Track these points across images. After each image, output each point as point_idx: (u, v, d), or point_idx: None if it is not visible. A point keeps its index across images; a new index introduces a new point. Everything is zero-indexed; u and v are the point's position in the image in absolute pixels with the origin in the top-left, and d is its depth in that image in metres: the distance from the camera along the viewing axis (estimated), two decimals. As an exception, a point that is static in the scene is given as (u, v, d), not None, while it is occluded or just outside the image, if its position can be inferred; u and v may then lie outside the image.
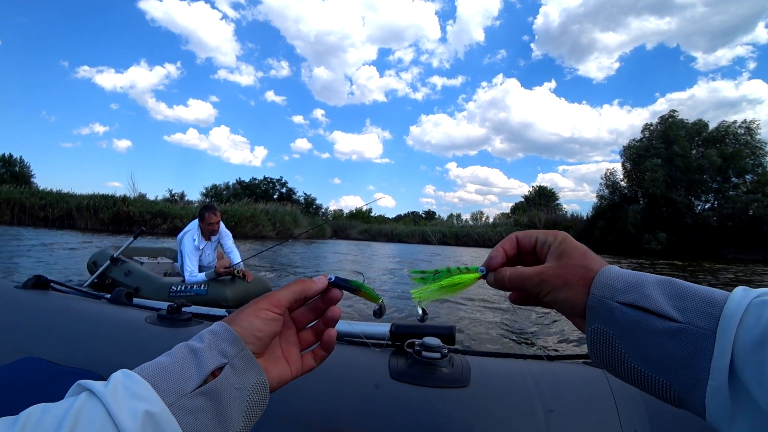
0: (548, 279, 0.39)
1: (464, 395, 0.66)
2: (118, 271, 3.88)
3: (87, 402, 0.29)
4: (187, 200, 31.41)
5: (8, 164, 35.44)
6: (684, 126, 25.46)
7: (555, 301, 0.40)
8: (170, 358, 0.35)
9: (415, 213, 57.15)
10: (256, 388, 0.37)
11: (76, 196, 20.82)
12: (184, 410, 0.31)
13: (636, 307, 0.34)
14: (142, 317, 0.92)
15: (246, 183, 41.17)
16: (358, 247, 18.70)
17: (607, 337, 0.35)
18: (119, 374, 0.32)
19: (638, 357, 0.34)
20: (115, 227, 19.34)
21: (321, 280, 0.44)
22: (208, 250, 3.86)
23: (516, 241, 0.45)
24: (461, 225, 42.89)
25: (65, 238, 11.41)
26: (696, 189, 24.62)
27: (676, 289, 0.33)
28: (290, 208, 27.45)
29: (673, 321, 0.32)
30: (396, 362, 0.74)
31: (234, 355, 0.36)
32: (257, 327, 0.38)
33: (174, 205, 22.58)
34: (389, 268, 9.29)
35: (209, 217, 3.68)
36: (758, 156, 23.62)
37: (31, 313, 0.95)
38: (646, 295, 0.34)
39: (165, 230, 18.95)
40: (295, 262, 8.88)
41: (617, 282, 0.36)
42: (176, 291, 3.41)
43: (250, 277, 3.56)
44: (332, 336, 0.44)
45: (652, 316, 0.33)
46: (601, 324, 0.36)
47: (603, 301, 0.36)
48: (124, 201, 20.33)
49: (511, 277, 0.42)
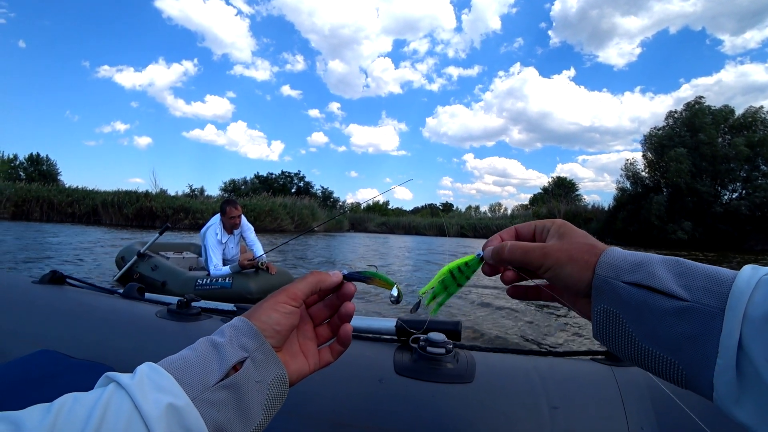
0: (552, 253, 0.39)
1: (468, 391, 0.66)
2: (145, 265, 4.00)
3: (115, 393, 0.30)
4: (207, 195, 31.99)
5: (36, 163, 36.59)
6: (711, 112, 24.55)
7: (558, 277, 0.38)
8: (193, 352, 0.36)
9: (433, 205, 56.97)
10: (276, 381, 0.37)
11: (101, 193, 21.43)
12: (206, 403, 0.32)
13: (642, 287, 0.33)
14: (152, 311, 0.94)
15: (264, 177, 41.63)
16: (376, 240, 18.76)
17: (615, 317, 0.35)
18: (145, 367, 0.33)
19: (646, 336, 0.33)
20: (139, 222, 19.86)
21: (336, 274, 0.45)
22: (231, 243, 3.93)
23: (514, 231, 0.45)
24: (479, 217, 42.60)
25: (96, 235, 11.75)
26: (723, 178, 23.78)
27: (682, 268, 0.33)
28: (308, 202, 27.71)
29: (680, 299, 0.31)
30: (401, 357, 0.74)
31: (255, 349, 0.37)
32: (276, 320, 0.39)
33: (194, 200, 23.03)
34: (407, 262, 9.31)
35: (230, 211, 3.74)
36: (789, 142, 22.61)
37: (46, 307, 0.98)
38: (652, 273, 0.33)
39: (186, 225, 19.36)
40: (314, 254, 8.98)
41: (623, 262, 0.35)
42: (202, 284, 3.49)
43: (273, 269, 3.63)
44: (348, 331, 0.45)
45: (659, 295, 0.32)
46: (608, 304, 0.35)
47: (608, 281, 0.35)
48: (147, 197, 20.84)
49: (512, 248, 0.41)
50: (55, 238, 9.73)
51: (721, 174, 23.54)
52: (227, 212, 3.73)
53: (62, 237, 10.01)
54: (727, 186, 24.20)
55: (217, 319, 0.93)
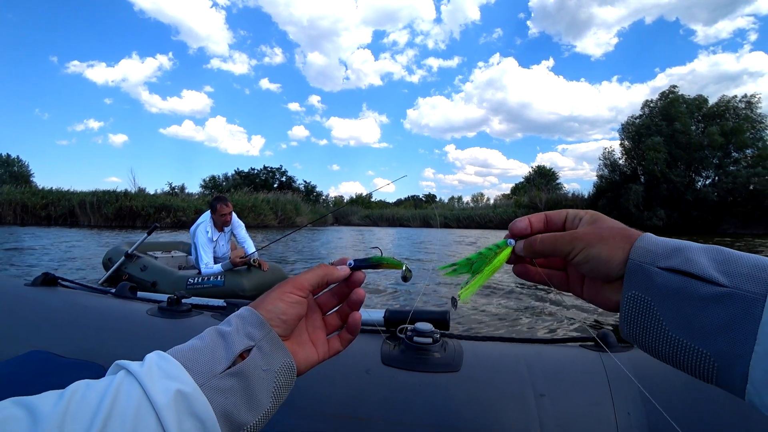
0: (581, 236, 0.38)
1: (455, 380, 0.66)
2: (133, 266, 3.94)
3: (125, 380, 0.31)
4: (188, 192, 31.40)
5: (6, 164, 35.39)
6: (685, 102, 25.35)
7: (587, 258, 0.37)
8: (201, 341, 0.36)
9: (416, 197, 57.09)
10: (283, 369, 0.38)
11: (77, 194, 20.86)
12: (214, 390, 0.33)
13: (679, 272, 0.32)
14: (144, 310, 0.95)
15: (245, 173, 41.02)
16: (361, 233, 18.78)
17: (645, 305, 0.33)
18: (154, 355, 0.34)
19: (678, 325, 0.31)
20: (119, 222, 19.44)
21: (344, 268, 0.45)
22: (222, 241, 3.90)
23: (544, 217, 0.44)
24: (462, 207, 42.95)
25: (77, 237, 11.46)
26: (697, 165, 24.64)
27: (722, 255, 0.32)
28: (291, 197, 27.52)
29: (719, 285, 0.30)
30: (388, 348, 0.74)
31: (261, 338, 0.37)
32: (282, 310, 0.39)
33: (176, 198, 22.61)
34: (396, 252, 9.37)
35: (221, 208, 3.70)
36: (758, 130, 23.61)
37: (39, 308, 0.99)
38: (690, 259, 0.32)
39: (168, 224, 19.01)
40: (302, 249, 8.96)
41: (659, 247, 0.34)
42: (193, 283, 3.45)
43: (265, 266, 3.62)
44: (357, 319, 0.45)
45: (697, 281, 0.31)
46: (640, 290, 0.34)
47: (643, 266, 0.34)
48: (126, 196, 20.37)
49: (543, 239, 0.40)
50: (35, 241, 9.47)
51: (695, 161, 24.38)
52: (218, 209, 3.70)
53: (41, 240, 9.74)
54: (700, 173, 25.11)
55: (207, 316, 0.94)
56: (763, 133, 23.57)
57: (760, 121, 23.63)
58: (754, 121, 23.67)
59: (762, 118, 23.63)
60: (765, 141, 23.49)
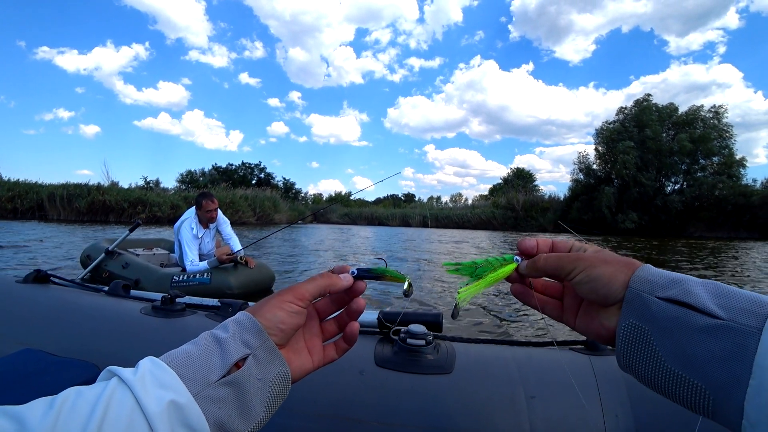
0: (585, 257, 0.39)
1: (447, 381, 0.67)
2: (114, 264, 3.84)
3: (117, 389, 0.30)
4: (163, 187, 30.65)
5: (-32, 152, 33.67)
6: (657, 109, 26.37)
7: (590, 278, 0.38)
8: (195, 347, 0.36)
9: (395, 196, 57.29)
10: (278, 379, 0.37)
11: (46, 186, 20.05)
12: (208, 400, 0.32)
13: (676, 302, 0.33)
14: (137, 308, 0.94)
15: (223, 168, 40.22)
16: (341, 232, 18.72)
17: (643, 334, 0.34)
18: (147, 362, 0.33)
19: (674, 357, 0.32)
20: (91, 217, 18.78)
21: (347, 277, 0.44)
22: (207, 238, 3.85)
23: (551, 243, 0.45)
24: (441, 207, 43.35)
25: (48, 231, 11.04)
26: (667, 171, 25.68)
27: (720, 289, 0.32)
28: (270, 194, 27.23)
29: (715, 318, 0.30)
30: (382, 349, 0.75)
31: (257, 347, 0.36)
32: (281, 319, 0.38)
33: (151, 193, 22.02)
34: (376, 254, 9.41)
35: (207, 205, 3.65)
36: (724, 139, 24.80)
37: (31, 306, 0.97)
38: (689, 291, 0.32)
39: (143, 219, 18.44)
40: (285, 248, 8.88)
41: (658, 277, 0.35)
42: (179, 281, 3.40)
43: (252, 263, 3.58)
44: (355, 329, 0.45)
45: (694, 312, 0.31)
46: (637, 319, 0.34)
47: (641, 295, 0.34)
48: (99, 189, 19.65)
49: (548, 258, 0.42)
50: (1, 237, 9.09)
51: (665, 167, 25.40)
52: (203, 206, 3.65)
53: (11, 236, 9.36)
54: (670, 178, 26.18)
55: (201, 315, 0.92)
56: (728, 142, 24.77)
57: (726, 130, 24.82)
58: (721, 130, 24.84)
59: (728, 128, 24.84)
60: (730, 149, 24.68)
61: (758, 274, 6.48)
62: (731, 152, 24.62)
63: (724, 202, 23.00)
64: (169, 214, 19.57)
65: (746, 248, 12.73)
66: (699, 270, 6.83)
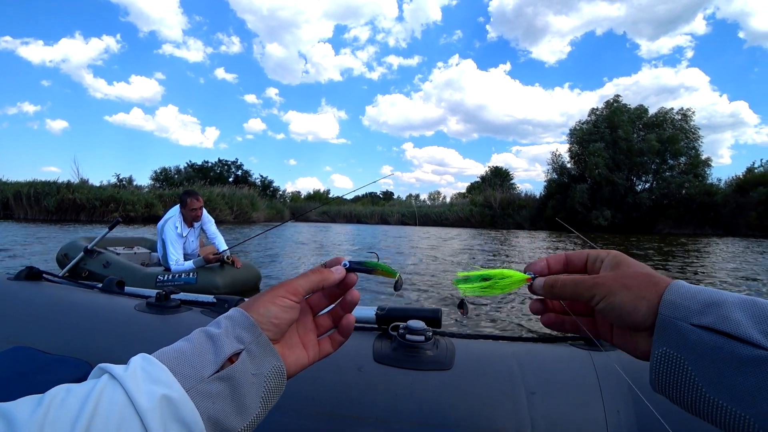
0: (604, 282, 0.37)
1: (447, 378, 0.67)
2: (94, 263, 3.74)
3: (108, 385, 0.30)
4: (137, 185, 29.79)
5: (-75, 148, 31.93)
6: (627, 111, 27.35)
7: (611, 307, 0.36)
8: (188, 343, 0.35)
9: (373, 194, 57.34)
10: (272, 374, 0.37)
11: (11, 184, 19.25)
12: (202, 395, 0.32)
13: (715, 331, 0.30)
14: (131, 305, 0.93)
15: (199, 166, 39.36)
16: (321, 229, 18.63)
17: (679, 364, 0.32)
18: (138, 358, 0.33)
19: (716, 387, 0.30)
20: (61, 216, 18.11)
21: (339, 270, 0.44)
22: (192, 237, 3.80)
23: (564, 258, 0.44)
24: (419, 205, 43.69)
25: (15, 231, 10.60)
26: (637, 170, 26.67)
27: (762, 311, 0.30)
28: (247, 191, 26.90)
29: (760, 348, 0.28)
30: (380, 345, 0.74)
31: (250, 342, 0.36)
32: (274, 314, 0.38)
33: (124, 191, 21.40)
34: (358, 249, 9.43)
35: (192, 203, 3.60)
36: (692, 140, 25.99)
37: (22, 303, 0.96)
38: (727, 317, 0.30)
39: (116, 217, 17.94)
40: (265, 246, 8.79)
41: (691, 301, 0.32)
42: (163, 281, 3.34)
43: (238, 263, 3.54)
44: (351, 322, 0.45)
45: (736, 341, 0.29)
46: (672, 348, 0.32)
47: (675, 322, 0.32)
48: (69, 187, 18.97)
49: (565, 282, 0.40)
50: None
51: (636, 166, 26.37)
52: (188, 204, 3.59)
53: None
54: (640, 177, 27.19)
55: (197, 312, 0.91)
56: (695, 143, 25.98)
57: (694, 132, 26.02)
58: (688, 132, 26.01)
59: (695, 130, 26.07)
60: (697, 150, 25.88)
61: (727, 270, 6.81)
62: (697, 153, 25.82)
63: (690, 200, 24.09)
64: (143, 212, 19.12)
65: (711, 243, 13.33)
66: (673, 265, 7.13)
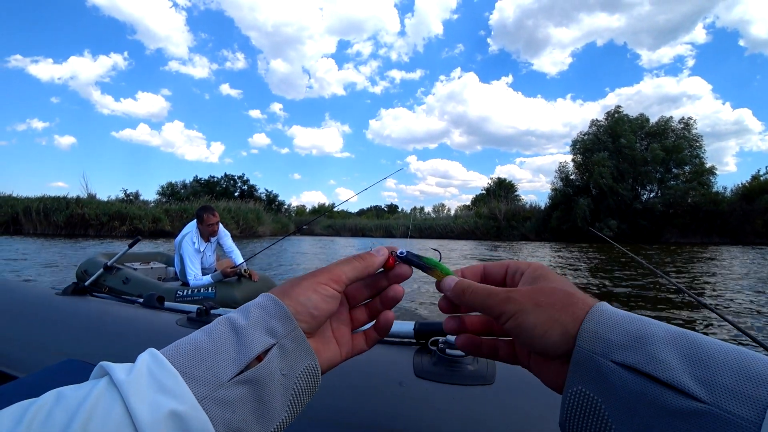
0: (517, 297, 0.32)
1: (489, 393, 0.66)
2: (114, 279, 3.81)
3: (105, 393, 0.25)
4: (143, 200, 30.03)
5: (-65, 165, 32.42)
6: (628, 121, 27.53)
7: (521, 328, 0.31)
8: (208, 336, 0.30)
9: (378, 207, 57.41)
10: (305, 374, 0.32)
11: (21, 199, 19.47)
12: (218, 403, 0.27)
13: (641, 373, 0.25)
14: (173, 320, 0.96)
15: (205, 180, 39.81)
16: (326, 243, 18.69)
17: (594, 407, 0.27)
18: (147, 356, 0.28)
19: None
20: (70, 231, 18.32)
21: (382, 252, 0.39)
22: (208, 251, 3.87)
23: (482, 269, 0.39)
24: (424, 218, 43.71)
25: (30, 247, 10.73)
26: (642, 179, 26.68)
27: (697, 351, 0.25)
28: (253, 206, 27.08)
29: (694, 399, 0.23)
30: (420, 360, 0.74)
31: (284, 336, 0.31)
32: (314, 304, 0.33)
33: (131, 206, 21.60)
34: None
35: (208, 218, 3.67)
36: (695, 148, 26.02)
37: (71, 317, 1.00)
38: (656, 357, 0.25)
39: (124, 232, 18.16)
40: (274, 260, 8.86)
41: (615, 333, 0.27)
42: (182, 296, 3.39)
43: (255, 276, 3.62)
44: (390, 318, 0.40)
45: (664, 387, 0.24)
46: (588, 388, 0.27)
47: (593, 358, 0.27)
48: (78, 203, 19.19)
49: (476, 290, 0.35)
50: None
51: (640, 175, 26.40)
52: (205, 219, 3.67)
53: None
54: (645, 186, 27.19)
55: None
56: (698, 152, 25.99)
57: (696, 140, 26.10)
58: (691, 140, 26.07)
59: (698, 138, 26.15)
60: (700, 158, 25.90)
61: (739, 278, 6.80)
62: (701, 161, 25.83)
63: (696, 208, 23.98)
64: (150, 227, 19.24)
65: (721, 252, 13.25)
66: (681, 273, 7.12)
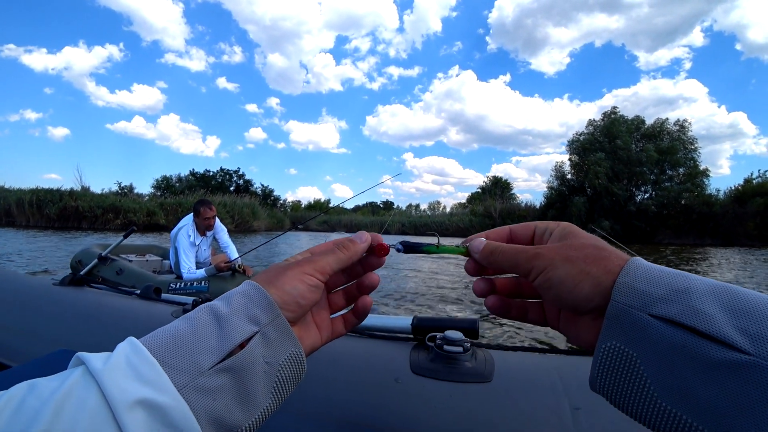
0: (545, 253, 0.31)
1: (487, 390, 0.65)
2: (108, 270, 3.82)
3: (80, 381, 0.24)
4: (138, 193, 29.85)
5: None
6: (624, 122, 27.67)
7: (550, 282, 0.30)
8: (189, 324, 0.30)
9: (373, 203, 57.38)
10: (288, 361, 0.32)
11: (14, 191, 19.32)
12: (199, 391, 0.27)
13: (680, 325, 0.24)
14: (168, 311, 0.96)
15: (200, 174, 39.46)
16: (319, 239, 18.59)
17: (630, 363, 0.26)
18: (126, 345, 0.28)
19: (671, 393, 0.24)
20: (63, 223, 18.13)
21: (364, 238, 0.39)
22: (204, 245, 3.87)
23: (508, 231, 0.39)
24: (420, 215, 43.78)
25: (22, 238, 10.65)
26: (637, 180, 26.86)
27: (740, 303, 0.24)
28: (249, 200, 26.99)
29: (737, 351, 0.22)
30: (417, 356, 0.73)
31: (267, 324, 0.31)
32: (301, 293, 0.33)
33: (126, 199, 21.47)
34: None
35: (205, 212, 3.68)
36: (689, 150, 26.24)
37: (67, 308, 1.00)
38: (697, 309, 0.24)
39: (119, 225, 18.02)
40: (269, 255, 8.84)
41: (654, 286, 0.26)
42: (175, 288, 3.38)
43: (249, 271, 3.62)
44: (367, 303, 0.40)
45: (706, 340, 0.23)
46: (623, 343, 0.26)
47: (631, 312, 0.26)
48: (72, 195, 19.03)
49: (504, 249, 0.35)
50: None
51: (635, 176, 26.58)
52: (201, 213, 3.67)
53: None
54: (640, 187, 27.38)
55: None
56: (693, 154, 26.20)
57: (691, 142, 26.30)
58: (686, 142, 26.27)
59: (693, 140, 26.34)
60: (695, 161, 26.10)
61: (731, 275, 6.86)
62: (695, 163, 26.02)
63: (690, 210, 24.19)
64: (144, 221, 19.11)
65: (714, 253, 13.39)
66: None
